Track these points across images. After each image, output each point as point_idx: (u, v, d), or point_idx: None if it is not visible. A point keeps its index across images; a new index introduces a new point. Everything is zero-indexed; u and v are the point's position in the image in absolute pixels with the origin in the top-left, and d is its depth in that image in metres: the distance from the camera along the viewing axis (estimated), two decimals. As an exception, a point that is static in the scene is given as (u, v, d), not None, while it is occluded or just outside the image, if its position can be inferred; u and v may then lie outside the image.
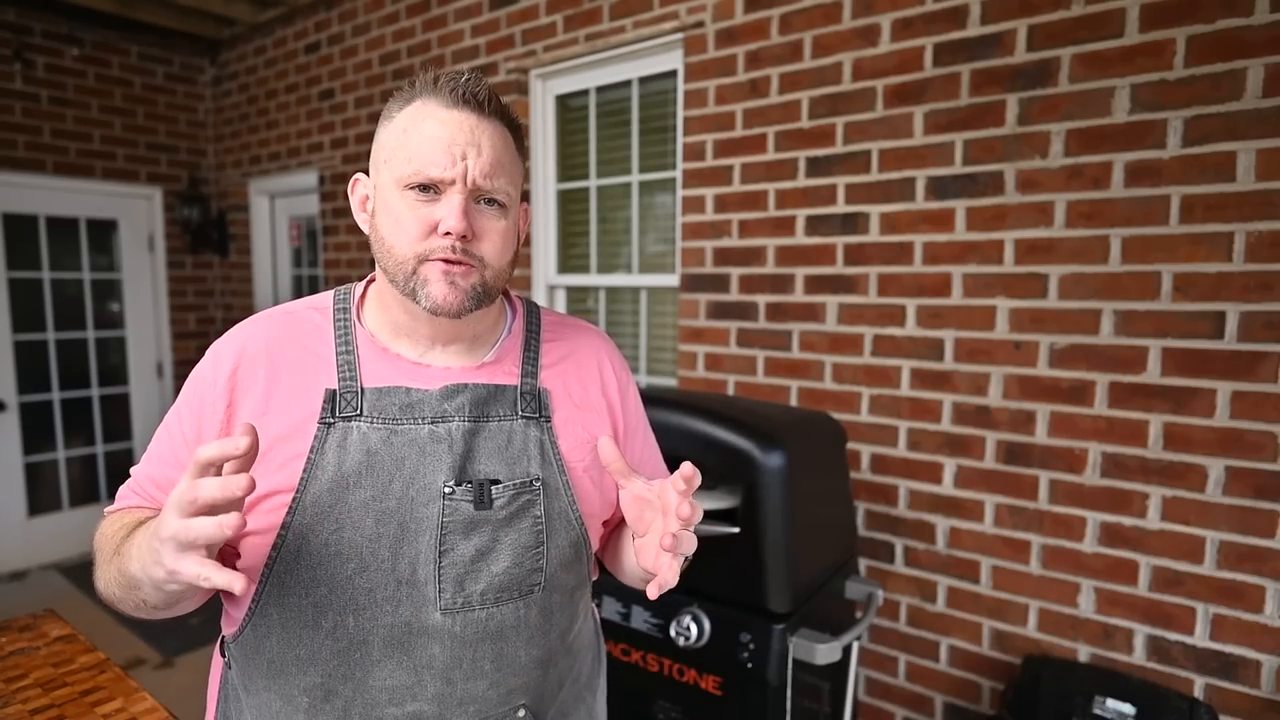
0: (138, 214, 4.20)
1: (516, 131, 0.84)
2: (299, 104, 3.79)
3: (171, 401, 4.31)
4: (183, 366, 4.37)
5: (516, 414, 0.85)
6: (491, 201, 0.79)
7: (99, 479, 4.17)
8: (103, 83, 3.97)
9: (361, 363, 0.82)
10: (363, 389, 0.80)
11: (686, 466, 0.71)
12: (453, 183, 0.76)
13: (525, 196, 2.90)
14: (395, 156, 0.78)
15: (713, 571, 1.52)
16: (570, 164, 2.89)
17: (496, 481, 0.81)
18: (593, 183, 2.81)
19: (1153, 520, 1.68)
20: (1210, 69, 1.56)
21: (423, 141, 0.76)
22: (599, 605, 1.65)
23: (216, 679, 0.90)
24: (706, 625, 1.48)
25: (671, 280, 2.57)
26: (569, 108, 2.87)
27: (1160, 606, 1.69)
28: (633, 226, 2.72)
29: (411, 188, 0.77)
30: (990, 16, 1.81)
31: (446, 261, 0.77)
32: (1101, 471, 1.74)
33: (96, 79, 3.95)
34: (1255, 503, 1.56)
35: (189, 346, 4.40)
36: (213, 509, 0.59)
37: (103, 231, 4.10)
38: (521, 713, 0.85)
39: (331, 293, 0.89)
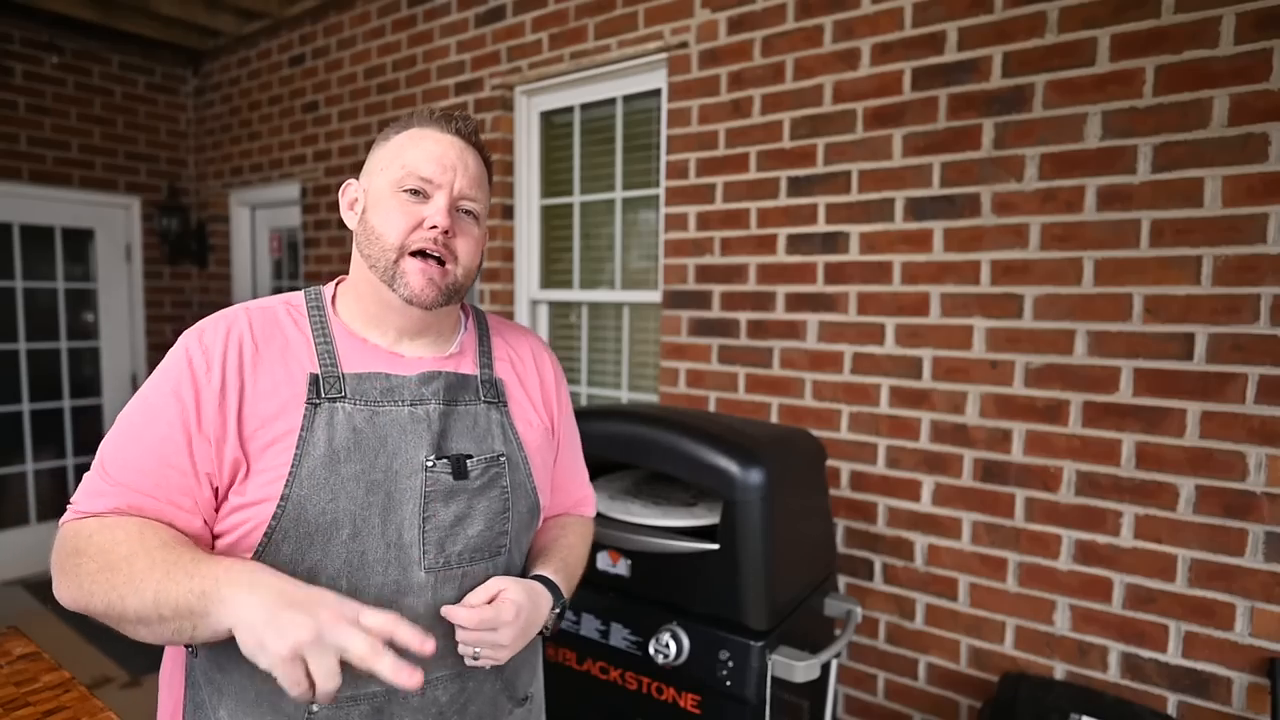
0: (115, 223, 4.15)
1: (489, 165, 0.99)
2: (282, 116, 3.78)
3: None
4: (158, 378, 4.30)
5: (480, 399, 0.97)
6: (468, 213, 0.93)
7: (69, 492, 4.08)
8: (82, 91, 3.94)
9: (339, 350, 0.91)
10: (343, 374, 0.89)
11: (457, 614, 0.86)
12: (441, 188, 0.90)
13: (510, 213, 2.90)
14: (391, 165, 0.91)
15: (692, 589, 1.52)
16: (554, 180, 2.90)
17: (469, 456, 0.92)
18: (576, 199, 2.82)
19: (1126, 538, 1.71)
20: (1178, 98, 1.61)
21: (420, 155, 0.90)
22: (577, 623, 1.64)
23: (179, 674, 0.92)
24: (685, 643, 1.48)
25: (654, 296, 2.58)
26: (553, 124, 2.89)
27: (1134, 624, 1.71)
28: (616, 243, 2.73)
29: (405, 190, 0.89)
30: (967, 43, 1.85)
31: (426, 258, 0.89)
32: (1076, 490, 1.77)
33: (76, 87, 3.91)
34: (1225, 521, 1.59)
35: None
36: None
37: (79, 241, 4.04)
38: (489, 665, 0.92)
39: (302, 291, 0.97)
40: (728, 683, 1.43)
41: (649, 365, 2.69)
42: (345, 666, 0.81)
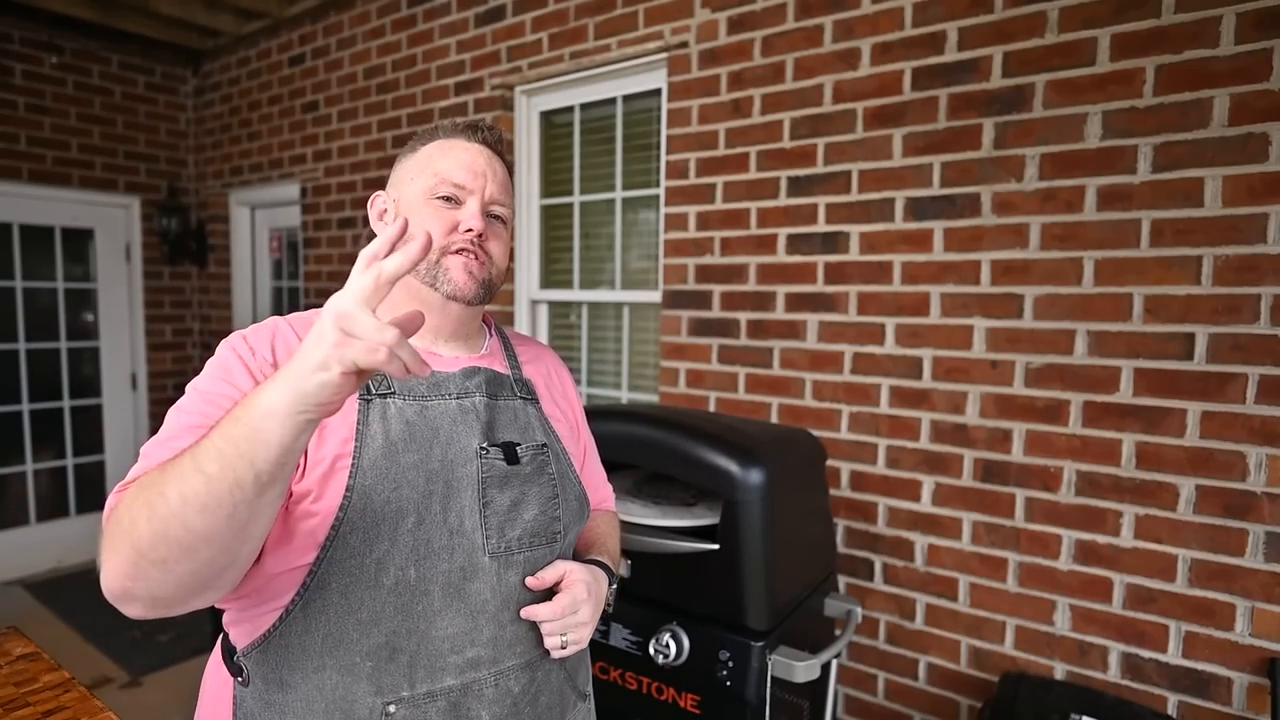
0: (115, 223, 4.15)
1: (512, 171, 1.05)
2: (282, 115, 3.78)
3: (147, 412, 4.24)
4: (158, 378, 4.30)
5: (516, 395, 1.01)
6: (497, 217, 0.98)
7: (68, 492, 4.08)
8: (82, 91, 3.93)
9: None
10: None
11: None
12: (473, 194, 0.94)
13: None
14: (422, 174, 0.95)
15: (692, 589, 1.52)
16: (554, 180, 2.90)
17: (517, 444, 0.95)
18: (576, 199, 2.82)
19: (1126, 538, 1.71)
20: (1178, 97, 1.60)
21: (451, 163, 0.95)
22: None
23: (226, 710, 0.88)
24: (685, 643, 1.48)
25: (654, 296, 2.58)
26: (554, 124, 2.89)
27: (1134, 624, 1.71)
28: (616, 243, 2.73)
29: (438, 198, 0.94)
30: (967, 43, 1.85)
31: (465, 253, 0.92)
32: (1076, 490, 1.77)
33: (75, 87, 3.91)
34: (1225, 521, 1.59)
35: (164, 358, 4.34)
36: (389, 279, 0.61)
37: (78, 241, 4.04)
38: (575, 650, 0.94)
39: None
40: (728, 683, 1.43)
41: (649, 365, 2.69)
42: (422, 666, 0.83)
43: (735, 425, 1.68)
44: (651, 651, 1.50)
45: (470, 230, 0.92)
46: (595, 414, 1.75)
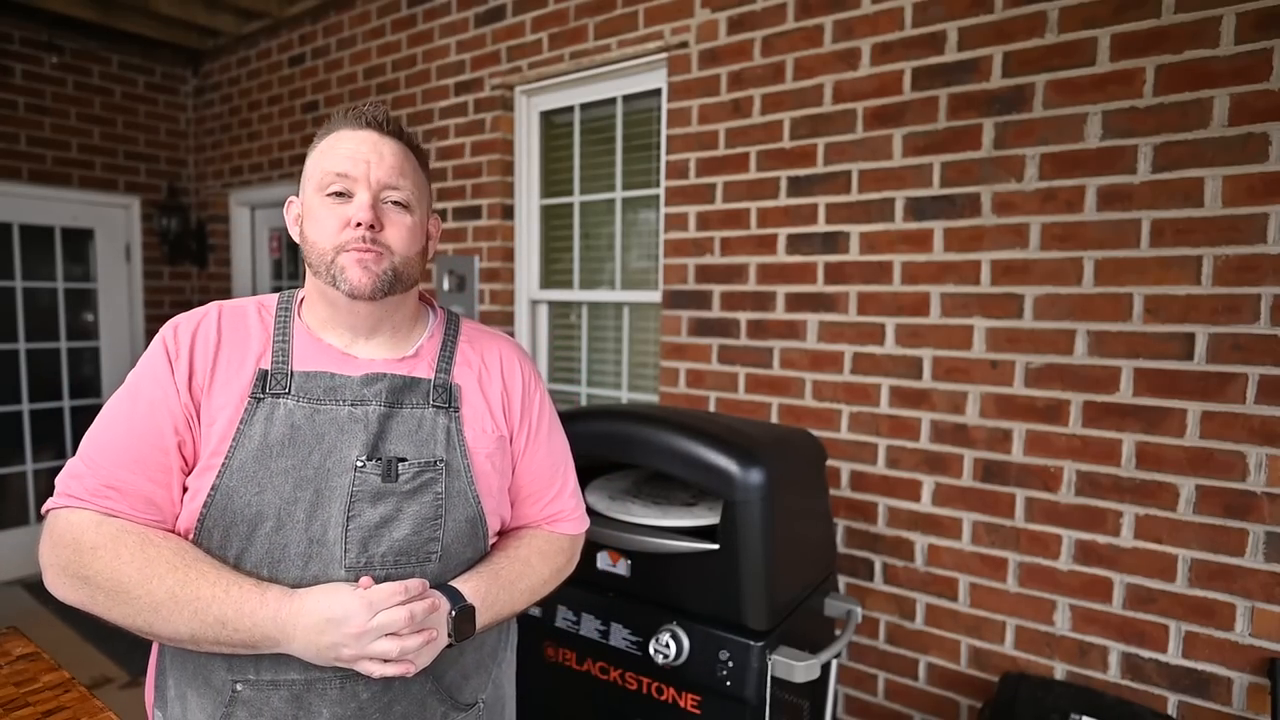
0: (115, 223, 4.15)
1: (418, 151, 1.01)
2: (281, 115, 3.78)
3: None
4: (158, 378, 4.30)
5: (428, 404, 0.97)
6: (396, 203, 0.95)
7: (68, 492, 4.07)
8: (82, 91, 3.93)
9: (295, 350, 0.94)
10: (292, 372, 0.92)
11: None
12: (358, 182, 0.92)
13: (510, 213, 2.89)
14: (315, 173, 0.95)
15: (692, 589, 1.52)
16: (554, 180, 2.90)
17: (403, 459, 0.92)
18: (576, 199, 2.82)
19: (1126, 538, 1.71)
20: (1178, 97, 1.60)
21: (336, 156, 0.93)
22: (577, 623, 1.64)
23: (155, 647, 0.99)
24: (685, 643, 1.48)
25: (654, 296, 2.58)
26: (554, 124, 2.89)
27: (1134, 624, 1.71)
28: (616, 243, 2.73)
29: (330, 194, 0.92)
30: (967, 43, 1.85)
31: (360, 251, 0.91)
32: (1076, 490, 1.77)
33: (76, 87, 3.91)
34: (1225, 521, 1.59)
35: (165, 358, 4.33)
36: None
37: (78, 241, 4.04)
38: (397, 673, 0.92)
39: (279, 294, 1.02)
40: (728, 683, 1.43)
41: (649, 365, 2.69)
42: (268, 659, 0.88)
43: (735, 425, 1.68)
44: (651, 651, 1.50)
45: (360, 224, 0.90)
46: (595, 414, 1.75)
